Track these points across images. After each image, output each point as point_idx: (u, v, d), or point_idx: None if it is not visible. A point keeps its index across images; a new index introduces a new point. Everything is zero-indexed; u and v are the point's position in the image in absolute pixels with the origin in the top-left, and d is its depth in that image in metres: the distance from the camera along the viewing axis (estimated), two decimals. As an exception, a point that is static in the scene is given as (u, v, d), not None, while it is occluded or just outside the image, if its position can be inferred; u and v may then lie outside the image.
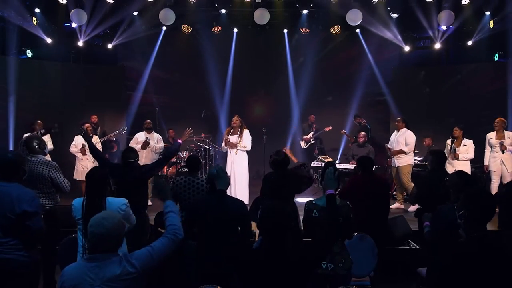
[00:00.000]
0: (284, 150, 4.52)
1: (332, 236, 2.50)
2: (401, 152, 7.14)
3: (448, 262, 2.31)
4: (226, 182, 3.26)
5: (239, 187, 7.04)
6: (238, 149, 7.09)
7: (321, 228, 3.30)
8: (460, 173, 3.67)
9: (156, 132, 8.82)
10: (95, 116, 8.57)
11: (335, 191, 2.96)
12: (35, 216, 3.07)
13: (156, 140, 7.68)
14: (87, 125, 7.24)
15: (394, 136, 7.43)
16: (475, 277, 2.23)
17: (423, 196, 4.61)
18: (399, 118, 7.48)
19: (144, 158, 7.33)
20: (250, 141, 7.16)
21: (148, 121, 7.84)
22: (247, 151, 7.20)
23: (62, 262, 3.69)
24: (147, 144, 7.39)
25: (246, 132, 7.16)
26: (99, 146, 7.41)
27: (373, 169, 4.77)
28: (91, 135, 7.23)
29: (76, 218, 3.16)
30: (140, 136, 7.61)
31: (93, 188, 3.14)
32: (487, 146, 6.99)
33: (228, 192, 7.12)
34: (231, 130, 7.25)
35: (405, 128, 7.28)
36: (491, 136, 6.95)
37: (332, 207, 2.73)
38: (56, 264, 4.11)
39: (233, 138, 7.16)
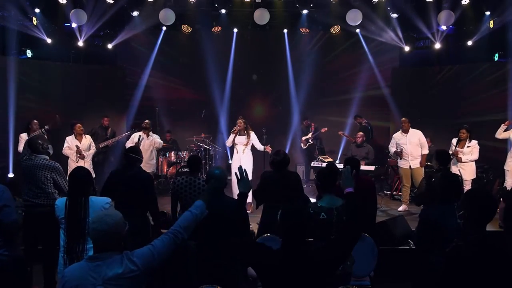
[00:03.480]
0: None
1: (355, 235, 2.49)
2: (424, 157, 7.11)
3: (447, 263, 2.31)
4: (249, 185, 3.01)
5: None
6: (246, 148, 7.22)
7: (336, 230, 3.31)
8: (444, 174, 3.64)
9: (155, 132, 8.82)
10: (107, 119, 8.56)
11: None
12: (5, 209, 3.04)
13: (153, 137, 7.65)
14: (78, 125, 7.20)
15: (402, 138, 7.23)
16: (476, 278, 2.22)
17: (425, 196, 4.60)
18: (404, 119, 7.31)
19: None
20: (258, 141, 7.37)
21: (147, 121, 7.82)
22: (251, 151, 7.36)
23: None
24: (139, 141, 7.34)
25: (253, 134, 7.33)
26: (92, 147, 7.37)
27: (359, 170, 4.72)
28: (82, 134, 7.21)
29: (59, 218, 3.13)
30: (136, 137, 7.59)
31: (76, 187, 3.13)
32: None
33: (235, 191, 7.25)
34: (237, 132, 7.32)
35: (411, 129, 7.19)
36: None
37: (353, 205, 2.68)
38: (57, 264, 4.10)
39: (239, 139, 7.28)
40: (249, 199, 6.68)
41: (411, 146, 7.12)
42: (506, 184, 6.90)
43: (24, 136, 7.05)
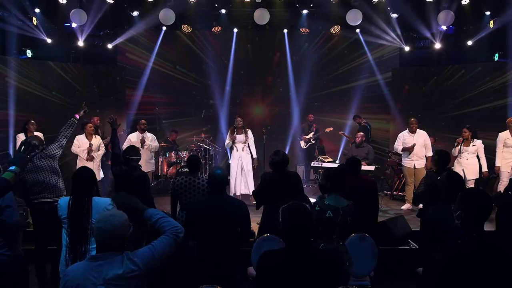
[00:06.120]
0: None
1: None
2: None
3: (446, 262, 2.31)
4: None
5: (249, 183, 7.43)
6: (245, 146, 7.42)
7: (338, 229, 3.32)
8: (449, 173, 3.63)
9: (156, 132, 8.81)
10: (97, 118, 8.54)
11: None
12: (7, 209, 3.04)
13: (151, 139, 7.71)
14: (89, 125, 7.22)
15: (409, 137, 7.18)
16: (474, 277, 2.22)
17: (425, 195, 4.60)
18: (413, 119, 7.26)
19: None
20: (253, 142, 7.56)
21: (143, 121, 7.83)
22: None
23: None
24: (143, 143, 7.45)
25: (250, 132, 7.53)
26: (102, 147, 7.39)
27: (360, 170, 4.70)
28: (93, 134, 7.24)
29: (62, 217, 3.13)
30: (133, 137, 7.58)
31: (80, 187, 3.13)
32: (500, 146, 6.72)
33: (238, 187, 7.28)
34: (235, 130, 7.46)
35: (418, 129, 7.14)
36: (507, 136, 6.66)
37: None
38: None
39: (239, 137, 7.45)
40: (251, 191, 6.79)
41: (417, 146, 7.07)
42: (500, 185, 6.82)
43: (21, 136, 6.99)
